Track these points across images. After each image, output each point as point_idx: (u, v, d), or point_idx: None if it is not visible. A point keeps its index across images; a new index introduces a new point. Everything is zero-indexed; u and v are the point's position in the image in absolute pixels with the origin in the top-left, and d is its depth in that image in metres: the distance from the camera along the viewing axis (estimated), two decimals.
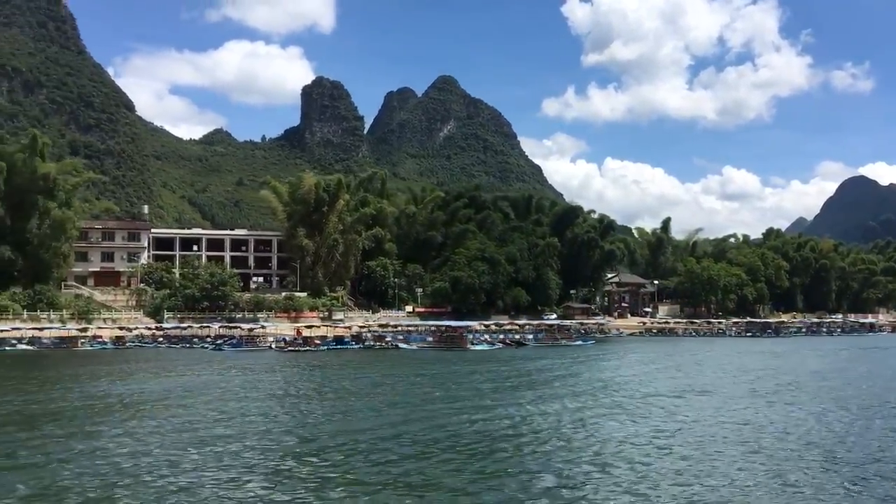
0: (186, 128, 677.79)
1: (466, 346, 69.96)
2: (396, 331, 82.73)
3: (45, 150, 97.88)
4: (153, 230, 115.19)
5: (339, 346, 69.85)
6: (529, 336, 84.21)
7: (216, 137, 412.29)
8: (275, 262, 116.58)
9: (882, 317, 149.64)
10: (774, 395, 32.77)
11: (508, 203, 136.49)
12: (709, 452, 19.59)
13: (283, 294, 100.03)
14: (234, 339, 73.61)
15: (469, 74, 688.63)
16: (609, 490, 15.66)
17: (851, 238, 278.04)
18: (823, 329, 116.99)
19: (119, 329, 79.79)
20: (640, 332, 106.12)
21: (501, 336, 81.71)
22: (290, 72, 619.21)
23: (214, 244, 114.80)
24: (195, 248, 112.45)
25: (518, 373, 44.19)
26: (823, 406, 29.13)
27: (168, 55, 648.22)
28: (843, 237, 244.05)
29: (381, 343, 73.21)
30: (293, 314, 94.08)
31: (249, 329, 77.40)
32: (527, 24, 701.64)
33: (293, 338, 73.16)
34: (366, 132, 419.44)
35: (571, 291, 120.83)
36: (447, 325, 77.41)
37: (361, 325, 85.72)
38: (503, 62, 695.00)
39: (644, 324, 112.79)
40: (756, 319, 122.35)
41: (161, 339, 76.89)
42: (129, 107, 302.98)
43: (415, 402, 29.54)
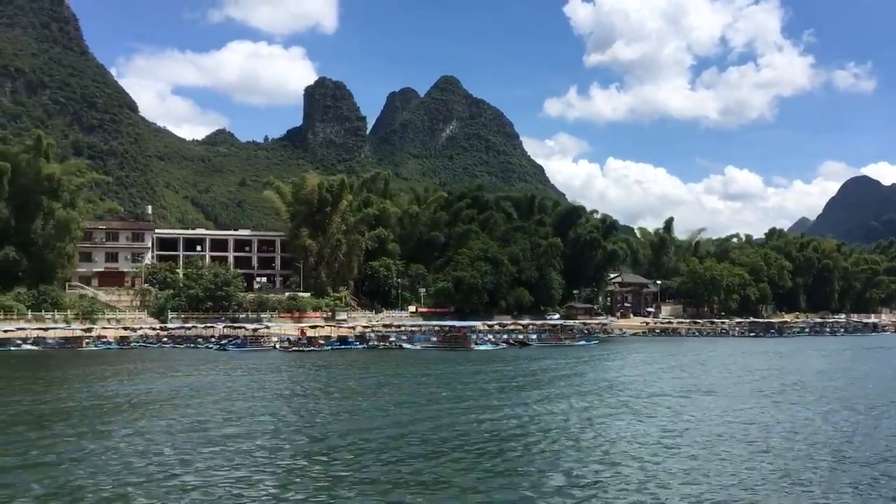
0: (189, 128, 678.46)
1: (470, 347, 70.02)
2: (400, 331, 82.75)
3: (50, 151, 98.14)
4: (157, 230, 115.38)
5: (343, 347, 69.92)
6: (533, 336, 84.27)
7: (219, 138, 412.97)
8: (278, 263, 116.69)
9: (885, 317, 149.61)
10: (780, 395, 32.83)
11: (511, 203, 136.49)
12: (717, 452, 19.67)
13: (287, 294, 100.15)
14: (239, 340, 73.66)
15: (471, 74, 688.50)
16: (620, 489, 15.74)
17: (854, 238, 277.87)
18: (827, 329, 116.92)
19: (123, 329, 79.90)
20: (643, 333, 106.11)
21: (505, 336, 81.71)
22: (293, 72, 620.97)
23: (218, 244, 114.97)
24: (199, 249, 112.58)
25: (523, 373, 44.28)
26: (830, 406, 29.20)
27: (171, 56, 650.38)
28: (846, 237, 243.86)
29: (385, 343, 73.22)
30: (296, 314, 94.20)
31: (254, 329, 77.53)
32: (529, 25, 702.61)
33: (297, 338, 73.23)
34: (368, 132, 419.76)
35: (574, 291, 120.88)
36: (451, 326, 77.40)
37: (365, 326, 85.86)
38: (505, 62, 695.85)
39: (647, 324, 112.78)
40: (759, 319, 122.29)
41: (165, 340, 76.98)
42: (132, 107, 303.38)
43: (422, 402, 29.64)
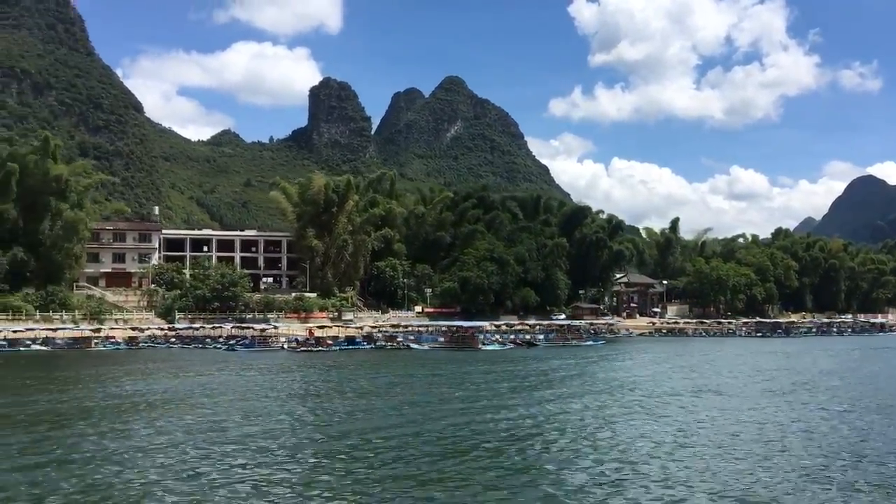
0: (194, 129, 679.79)
1: (478, 347, 70.15)
2: (408, 331, 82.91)
3: (58, 152, 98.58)
4: (164, 231, 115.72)
5: (351, 347, 70.11)
6: (540, 336, 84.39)
7: (224, 138, 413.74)
8: (284, 263, 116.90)
9: (892, 317, 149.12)
10: (791, 395, 32.90)
11: (517, 203, 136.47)
12: (734, 451, 19.76)
13: (293, 294, 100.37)
14: (247, 340, 73.88)
15: (476, 75, 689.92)
16: (642, 488, 15.83)
17: (860, 238, 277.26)
18: (834, 329, 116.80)
19: (131, 330, 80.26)
20: (650, 333, 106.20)
21: (512, 336, 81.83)
22: (298, 73, 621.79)
23: (224, 245, 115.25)
24: (205, 249, 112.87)
25: (533, 373, 44.40)
26: (842, 405, 29.28)
27: (176, 56, 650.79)
28: (852, 237, 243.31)
29: (393, 343, 73.40)
30: (303, 315, 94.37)
31: (262, 329, 77.80)
32: (533, 25, 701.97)
33: (305, 338, 73.45)
34: (373, 133, 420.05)
35: (580, 292, 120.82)
36: (458, 326, 77.55)
37: (373, 326, 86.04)
38: (510, 62, 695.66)
39: (653, 324, 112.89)
40: (766, 319, 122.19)
41: (173, 340, 77.33)
42: (138, 108, 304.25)
43: (435, 402, 29.78)
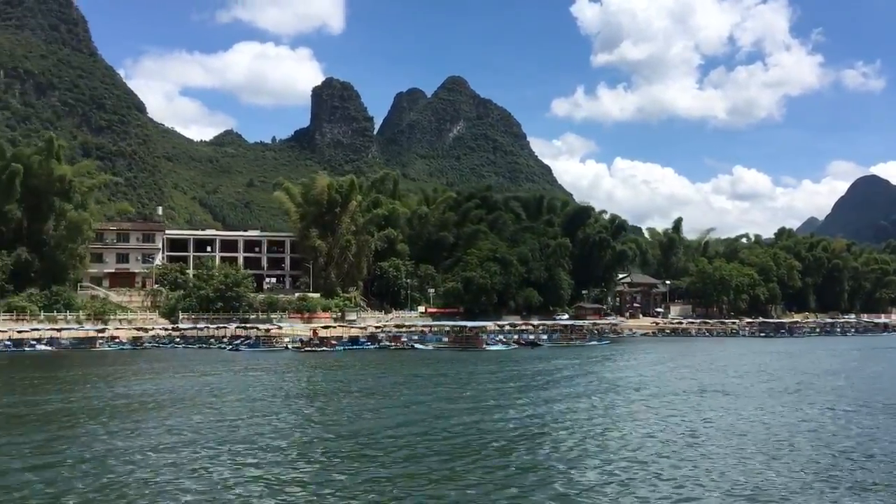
0: (197, 129, 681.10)
1: (482, 347, 70.19)
2: (411, 331, 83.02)
3: (62, 153, 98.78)
4: (167, 231, 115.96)
5: (355, 347, 70.20)
6: (544, 336, 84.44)
7: (226, 139, 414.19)
8: (288, 263, 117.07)
9: (895, 317, 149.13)
10: (798, 395, 32.92)
11: (520, 203, 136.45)
12: (744, 450, 19.79)
13: (297, 295, 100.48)
14: (251, 340, 74.03)
15: (478, 75, 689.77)
16: (653, 487, 15.87)
17: (863, 238, 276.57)
18: (837, 329, 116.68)
19: (136, 330, 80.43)
20: (654, 333, 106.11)
21: (516, 336, 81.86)
22: (300, 73, 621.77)
23: (228, 245, 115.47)
24: (209, 250, 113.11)
25: (539, 372, 44.44)
26: (849, 405, 29.28)
27: (178, 57, 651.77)
28: (855, 237, 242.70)
29: (397, 343, 73.36)
30: (306, 315, 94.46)
31: (266, 330, 77.95)
32: (536, 25, 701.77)
33: (309, 338, 73.54)
34: (375, 133, 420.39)
35: (583, 292, 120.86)
36: (462, 326, 77.59)
37: (376, 326, 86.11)
38: (512, 62, 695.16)
39: (657, 324, 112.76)
40: (769, 319, 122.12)
41: (178, 340, 77.47)
42: (141, 108, 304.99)
43: (443, 401, 29.83)
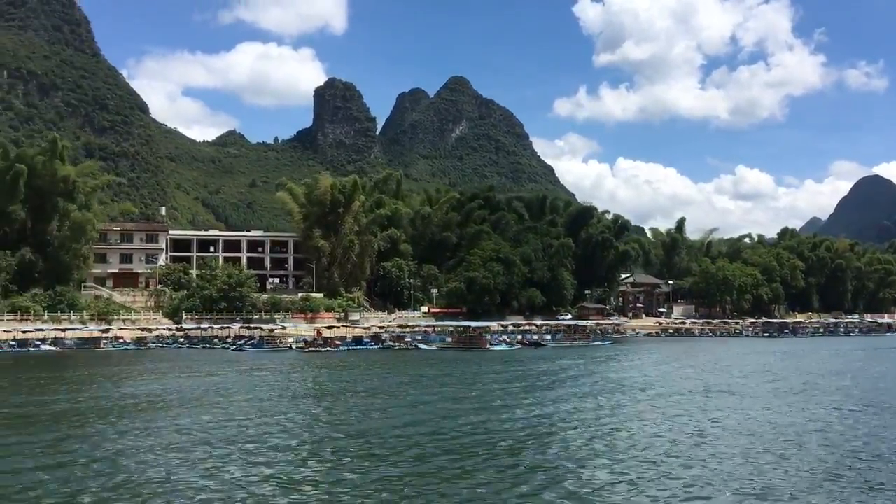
0: (199, 129, 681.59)
1: (486, 347, 70.25)
2: (415, 331, 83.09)
3: (65, 153, 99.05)
4: (171, 232, 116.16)
5: (359, 347, 70.30)
6: (547, 336, 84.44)
7: (229, 139, 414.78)
8: (291, 263, 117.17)
9: None
10: (803, 395, 32.91)
11: (523, 203, 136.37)
12: (752, 450, 19.77)
13: (300, 295, 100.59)
14: (255, 340, 74.20)
15: (481, 75, 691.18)
16: (663, 487, 15.86)
17: (866, 238, 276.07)
18: (841, 329, 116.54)
19: (140, 330, 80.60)
20: (657, 333, 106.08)
21: (519, 336, 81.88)
22: (303, 73, 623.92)
23: (231, 245, 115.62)
24: (212, 250, 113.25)
25: (544, 372, 44.47)
26: (855, 405, 29.27)
27: (181, 57, 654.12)
28: (858, 237, 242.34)
29: (401, 343, 73.48)
30: (309, 315, 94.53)
31: (270, 330, 78.08)
32: (538, 25, 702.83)
33: (313, 338, 73.64)
34: (378, 133, 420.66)
35: (586, 292, 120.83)
36: (466, 326, 77.66)
37: (379, 326, 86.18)
38: (515, 62, 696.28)
39: (660, 324, 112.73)
40: (773, 320, 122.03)
41: (182, 340, 77.69)
42: (143, 109, 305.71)
43: (449, 401, 29.87)
